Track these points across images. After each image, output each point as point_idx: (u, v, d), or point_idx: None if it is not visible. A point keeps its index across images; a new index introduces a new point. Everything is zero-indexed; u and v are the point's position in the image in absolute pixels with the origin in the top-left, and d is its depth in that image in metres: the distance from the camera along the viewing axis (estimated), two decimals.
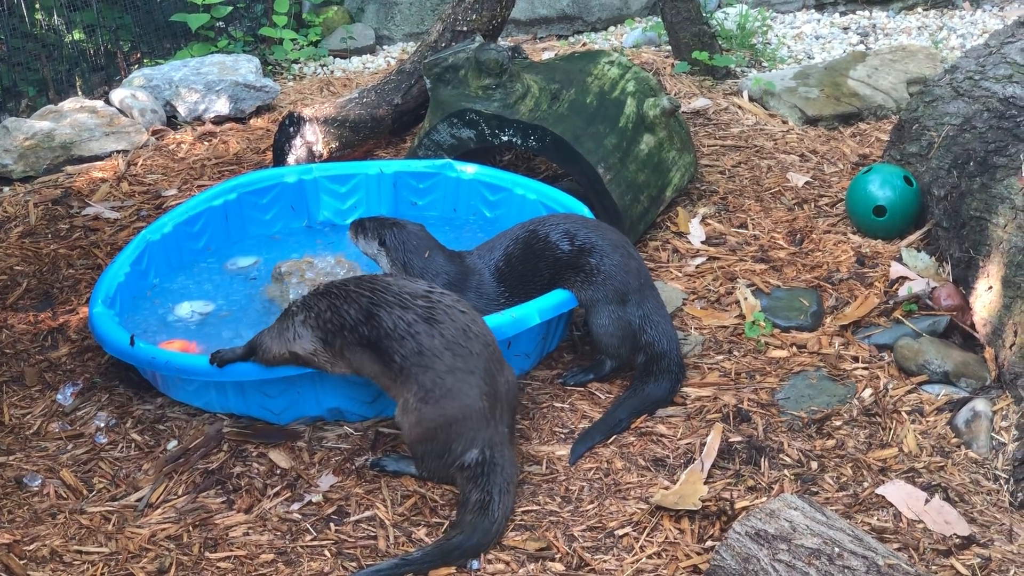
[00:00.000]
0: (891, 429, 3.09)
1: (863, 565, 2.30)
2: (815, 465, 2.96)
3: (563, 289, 3.31)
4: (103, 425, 3.24)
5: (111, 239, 4.31)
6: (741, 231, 4.16)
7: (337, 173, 4.20)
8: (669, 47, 5.92)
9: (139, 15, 6.44)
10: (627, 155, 4.07)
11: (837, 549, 2.34)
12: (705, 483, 2.86)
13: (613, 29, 6.99)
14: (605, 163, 3.95)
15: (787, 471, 2.93)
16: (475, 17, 4.74)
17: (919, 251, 3.86)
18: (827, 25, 6.74)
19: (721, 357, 3.45)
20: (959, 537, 2.68)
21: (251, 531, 2.81)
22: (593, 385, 3.35)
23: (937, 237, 3.87)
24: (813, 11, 7.04)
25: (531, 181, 4.03)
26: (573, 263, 3.30)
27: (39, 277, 4.06)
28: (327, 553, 2.73)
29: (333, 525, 2.82)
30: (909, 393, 3.24)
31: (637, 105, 4.22)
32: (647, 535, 2.73)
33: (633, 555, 2.67)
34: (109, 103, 5.44)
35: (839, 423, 3.13)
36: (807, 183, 4.50)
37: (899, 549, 2.64)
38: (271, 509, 2.88)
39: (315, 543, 2.76)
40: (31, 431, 3.25)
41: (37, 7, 6.17)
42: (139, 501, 2.93)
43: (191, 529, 2.82)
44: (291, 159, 4.52)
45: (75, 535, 2.82)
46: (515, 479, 2.85)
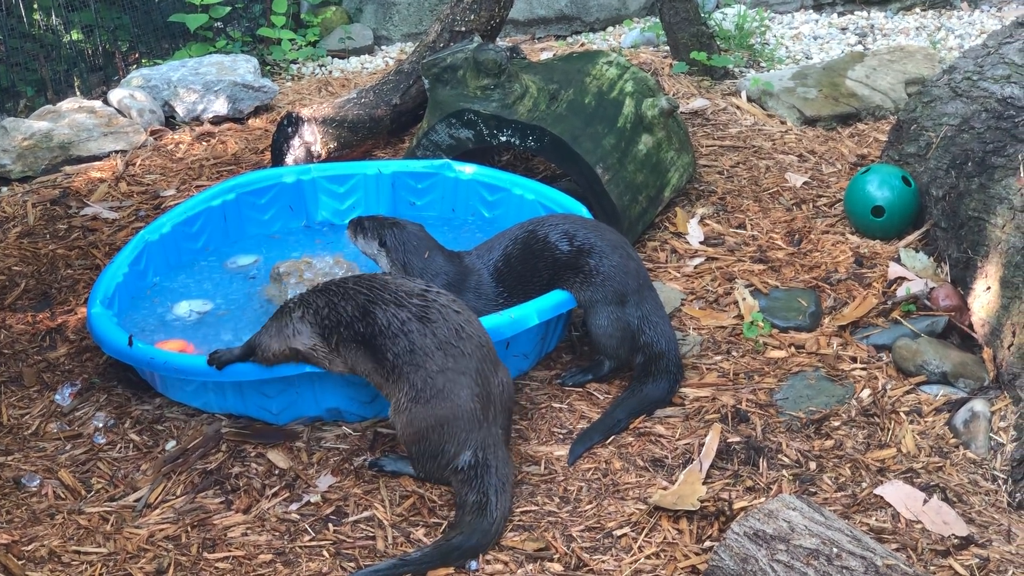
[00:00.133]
0: (889, 429, 3.09)
1: (861, 565, 2.31)
2: (813, 465, 2.96)
3: (562, 290, 3.31)
4: (101, 425, 3.24)
5: (109, 239, 4.31)
6: (739, 231, 4.16)
7: (335, 173, 4.20)
8: (667, 47, 5.92)
9: (137, 15, 6.44)
10: (625, 155, 4.06)
11: (835, 549, 2.34)
12: (704, 483, 2.87)
13: (611, 29, 6.99)
14: (603, 163, 3.95)
15: (785, 471, 2.93)
16: (473, 17, 4.74)
17: (917, 251, 3.86)
18: (825, 25, 6.74)
19: (719, 357, 3.45)
20: (957, 537, 2.68)
21: (249, 531, 2.81)
22: (592, 385, 3.35)
23: (935, 237, 3.87)
24: (811, 11, 7.04)
25: (529, 181, 4.03)
26: (572, 264, 3.30)
27: (37, 277, 4.06)
28: (325, 553, 2.72)
29: (331, 525, 2.82)
30: (907, 393, 3.24)
31: (635, 105, 4.22)
32: (645, 535, 2.73)
33: (631, 555, 2.67)
34: (107, 103, 5.44)
35: (837, 423, 3.13)
36: (805, 183, 4.50)
37: (897, 549, 2.64)
38: (269, 509, 2.88)
39: (313, 543, 2.76)
40: (29, 431, 3.25)
41: (35, 7, 6.17)
42: (137, 501, 2.93)
43: (189, 529, 2.82)
44: (289, 159, 4.52)
45: (73, 535, 2.82)
46: (511, 479, 2.85)
